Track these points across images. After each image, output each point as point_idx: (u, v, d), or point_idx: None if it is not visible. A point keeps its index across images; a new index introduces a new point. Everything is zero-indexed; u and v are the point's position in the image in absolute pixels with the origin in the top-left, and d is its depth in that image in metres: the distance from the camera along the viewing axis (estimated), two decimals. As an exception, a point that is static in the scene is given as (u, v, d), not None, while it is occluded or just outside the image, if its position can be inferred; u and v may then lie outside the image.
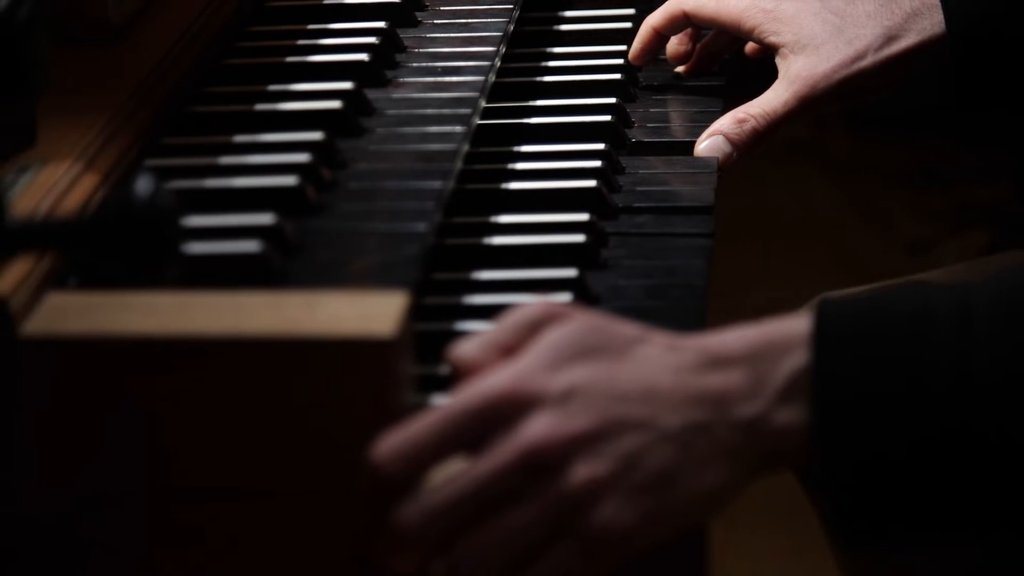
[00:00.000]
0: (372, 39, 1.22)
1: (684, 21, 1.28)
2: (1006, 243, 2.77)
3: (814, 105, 1.21)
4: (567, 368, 0.86)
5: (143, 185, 0.82)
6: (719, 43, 1.33)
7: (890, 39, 1.20)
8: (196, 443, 0.87)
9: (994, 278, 0.86)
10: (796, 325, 0.87)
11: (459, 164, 1.10)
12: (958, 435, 0.83)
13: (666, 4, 1.29)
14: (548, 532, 0.84)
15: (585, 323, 0.88)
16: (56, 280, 0.93)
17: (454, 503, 0.85)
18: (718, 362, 0.87)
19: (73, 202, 0.99)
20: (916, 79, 1.23)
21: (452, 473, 0.86)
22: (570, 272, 1.06)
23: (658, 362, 0.87)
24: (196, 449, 0.87)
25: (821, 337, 0.85)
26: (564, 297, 1.04)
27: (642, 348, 0.88)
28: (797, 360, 0.86)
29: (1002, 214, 2.99)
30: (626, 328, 0.88)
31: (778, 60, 1.23)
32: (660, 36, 1.30)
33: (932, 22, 1.20)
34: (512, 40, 1.31)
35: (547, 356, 0.86)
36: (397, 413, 0.87)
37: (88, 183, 1.01)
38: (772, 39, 1.22)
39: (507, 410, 0.85)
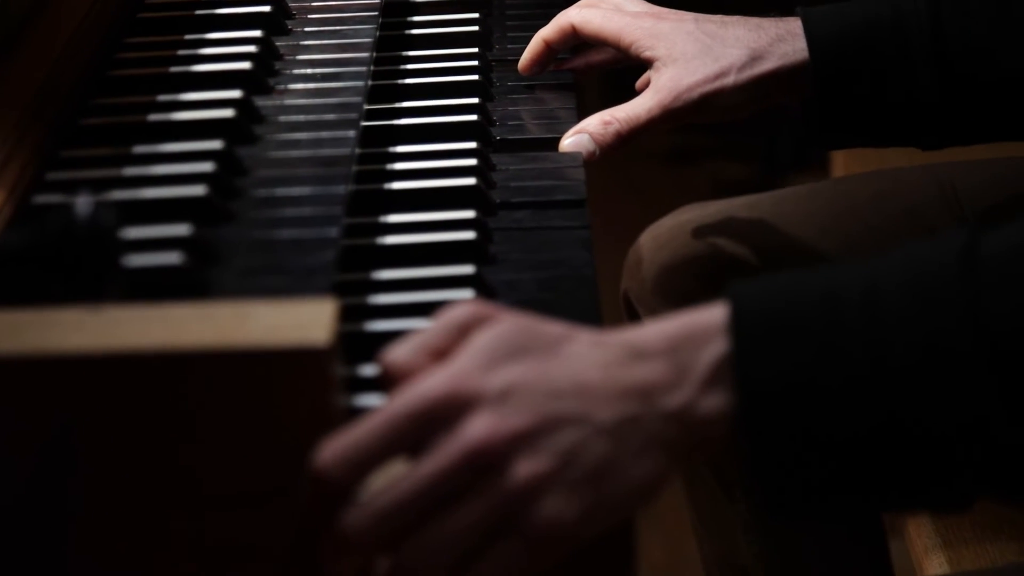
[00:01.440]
0: (251, 48, 1.13)
1: (572, 34, 1.24)
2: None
3: (676, 114, 1.18)
4: (501, 368, 0.80)
5: (84, 204, 0.73)
6: (599, 57, 1.28)
7: (754, 60, 1.18)
8: (135, 457, 0.78)
9: (899, 257, 0.81)
10: (712, 315, 0.82)
11: (355, 169, 1.02)
12: (876, 417, 0.78)
13: (556, 18, 1.25)
14: (493, 529, 0.78)
15: (513, 323, 0.82)
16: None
17: (400, 505, 0.78)
18: (642, 355, 0.81)
19: (-18, 219, 0.90)
20: (781, 105, 1.22)
21: (395, 475, 0.79)
22: (467, 269, 0.99)
23: (586, 359, 0.81)
24: (135, 462, 0.78)
25: (737, 325, 0.80)
26: (466, 293, 0.97)
27: (569, 346, 0.82)
28: (716, 348, 0.80)
29: (751, 187, 3.03)
30: (551, 327, 0.82)
31: (651, 73, 1.20)
32: (550, 48, 1.25)
33: (795, 48, 1.18)
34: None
35: (481, 357, 0.80)
36: (334, 416, 0.79)
37: (-5, 199, 0.92)
38: (647, 53, 1.19)
39: (446, 411, 0.79)
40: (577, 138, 1.17)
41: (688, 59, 1.18)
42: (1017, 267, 0.78)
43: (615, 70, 1.29)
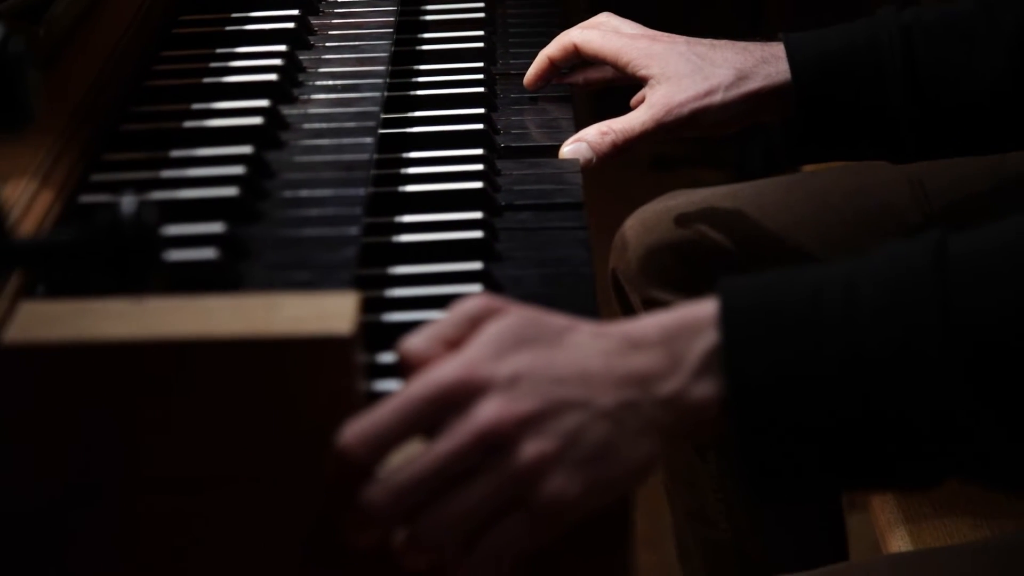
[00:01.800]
0: (277, 61, 1.13)
1: (574, 52, 1.24)
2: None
3: (668, 128, 1.19)
4: (510, 356, 0.80)
5: (129, 203, 0.73)
6: (596, 75, 1.28)
7: (740, 80, 1.18)
8: (171, 438, 0.79)
9: (877, 258, 0.82)
10: (704, 308, 0.82)
11: (373, 173, 1.02)
12: (854, 406, 0.79)
13: (559, 37, 1.25)
14: (502, 504, 0.79)
15: (520, 315, 0.83)
16: (26, 290, 0.84)
17: (417, 481, 0.79)
18: (639, 345, 0.82)
19: (34, 217, 0.89)
20: (765, 121, 1.23)
21: (412, 454, 0.79)
22: (476, 265, 0.99)
23: (588, 348, 0.82)
24: (171, 443, 0.79)
25: (727, 319, 0.81)
26: (475, 287, 0.97)
27: (572, 336, 0.82)
28: (708, 340, 0.81)
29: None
30: (556, 319, 0.83)
31: (646, 90, 1.20)
32: (553, 64, 1.26)
33: (778, 70, 1.19)
34: (385, 60, 1.24)
35: (491, 346, 0.81)
36: (355, 401, 0.80)
37: (44, 199, 0.91)
38: (643, 72, 1.20)
39: (460, 396, 0.79)
40: (576, 146, 1.17)
41: (680, 78, 1.18)
42: (986, 267, 0.79)
43: (608, 88, 1.29)
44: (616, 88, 1.27)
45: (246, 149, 1.00)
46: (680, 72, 1.18)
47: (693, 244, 1.38)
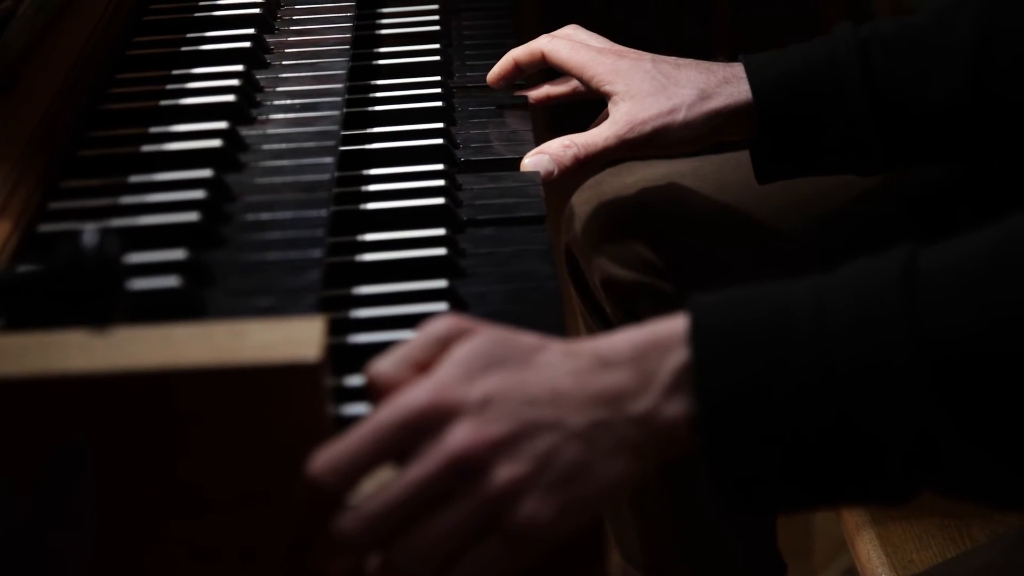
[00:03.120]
0: (235, 81, 1.11)
1: (540, 60, 1.24)
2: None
3: (631, 145, 1.18)
4: (480, 378, 0.79)
5: (90, 233, 0.71)
6: (558, 90, 1.27)
7: (703, 99, 1.17)
8: (137, 467, 0.77)
9: (845, 276, 0.81)
10: (674, 325, 0.81)
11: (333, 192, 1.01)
12: (824, 423, 0.78)
13: (529, 43, 1.24)
14: (476, 529, 0.78)
15: (490, 336, 0.81)
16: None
17: (390, 508, 0.77)
18: (609, 364, 0.80)
19: (-9, 247, 0.87)
20: (728, 140, 1.22)
21: (384, 481, 0.78)
22: (441, 283, 0.98)
23: (558, 367, 0.80)
24: (137, 473, 0.77)
25: (696, 337, 0.80)
26: (441, 306, 0.96)
27: (543, 355, 0.81)
28: (678, 357, 0.80)
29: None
30: (525, 338, 0.82)
31: (610, 105, 1.19)
32: (518, 67, 1.25)
33: (739, 90, 1.18)
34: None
35: (461, 369, 0.79)
36: (325, 426, 0.78)
37: (2, 230, 0.90)
38: (607, 87, 1.19)
39: (431, 420, 0.78)
40: (538, 158, 1.16)
41: (644, 95, 1.18)
42: (955, 283, 0.78)
43: (566, 104, 1.28)
44: (575, 104, 1.26)
45: (206, 173, 0.98)
46: (644, 90, 1.17)
47: (654, 220, 1.37)
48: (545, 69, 1.26)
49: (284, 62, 1.20)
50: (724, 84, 1.18)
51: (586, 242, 1.40)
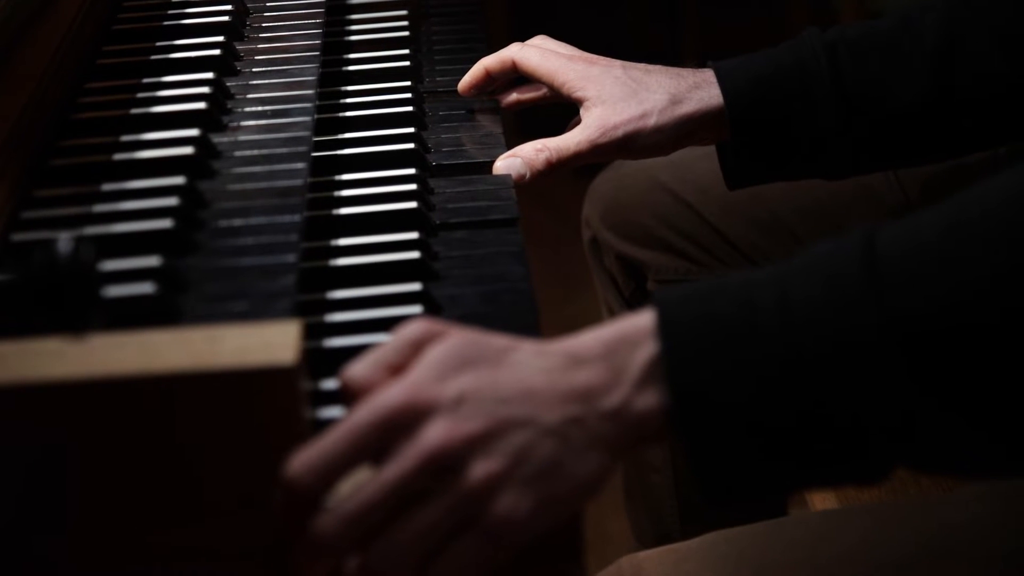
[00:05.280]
0: (205, 89, 1.11)
1: (511, 68, 1.24)
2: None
3: (602, 150, 1.19)
4: (454, 378, 0.80)
5: (65, 242, 0.72)
6: (529, 95, 1.27)
7: (674, 104, 1.19)
8: (115, 473, 0.77)
9: (807, 263, 0.81)
10: (642, 320, 0.82)
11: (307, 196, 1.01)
12: (796, 408, 0.79)
13: (500, 51, 1.25)
14: (454, 526, 0.78)
15: (462, 338, 0.82)
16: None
17: (366, 508, 0.78)
18: (580, 361, 0.81)
19: (-35, 257, 0.87)
20: (700, 143, 1.23)
21: (361, 481, 0.78)
22: (414, 286, 0.98)
23: (531, 366, 0.81)
24: (115, 478, 0.77)
25: (664, 329, 0.81)
26: (415, 309, 0.96)
27: (515, 355, 0.82)
28: (647, 351, 0.81)
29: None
30: (497, 339, 0.83)
31: (582, 111, 1.20)
32: (489, 76, 1.25)
33: (710, 94, 1.19)
34: (311, 82, 1.22)
35: (435, 369, 0.80)
36: (302, 429, 0.79)
37: (-24, 239, 0.90)
38: (578, 94, 1.20)
39: (406, 419, 0.79)
40: (510, 161, 1.17)
41: (615, 101, 1.18)
42: (914, 264, 0.79)
43: (535, 107, 1.28)
44: (544, 107, 1.27)
45: (178, 180, 0.98)
46: (615, 95, 1.18)
47: (667, 199, 1.42)
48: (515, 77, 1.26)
49: (254, 69, 1.20)
50: (695, 89, 1.19)
51: (602, 219, 1.47)
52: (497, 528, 0.78)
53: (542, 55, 1.22)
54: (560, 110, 1.25)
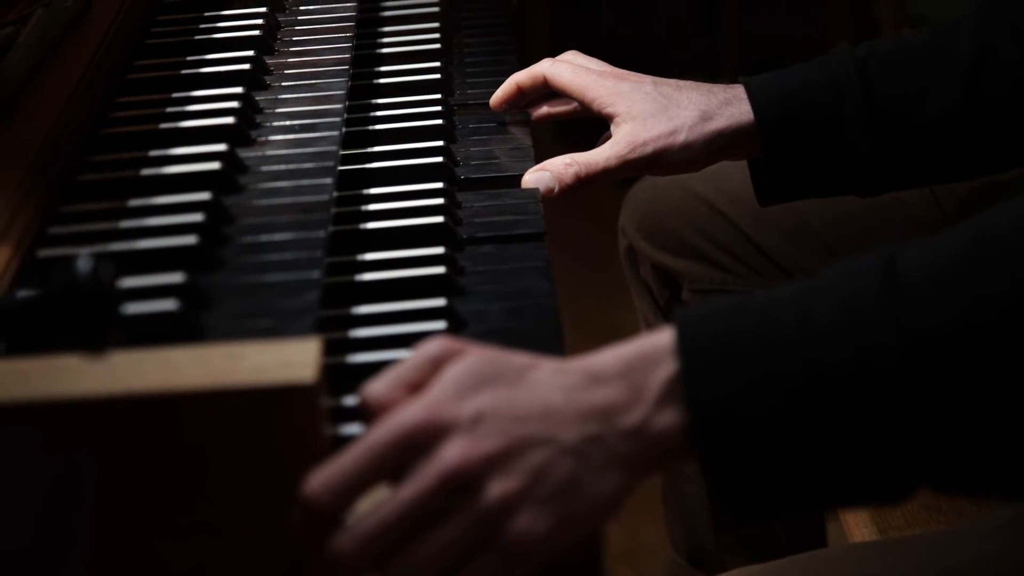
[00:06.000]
0: (234, 103, 1.11)
1: (543, 84, 1.24)
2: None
3: (632, 165, 1.19)
4: (472, 396, 0.80)
5: (84, 260, 0.72)
6: (560, 108, 1.27)
7: (704, 120, 1.18)
8: (135, 489, 0.77)
9: (828, 283, 0.81)
10: (662, 338, 0.82)
11: (332, 212, 1.01)
12: (817, 428, 0.79)
13: (532, 67, 1.25)
14: (471, 546, 0.78)
15: (481, 356, 0.82)
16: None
17: (384, 527, 0.78)
18: (599, 379, 0.81)
19: (-9, 273, 0.88)
20: (732, 158, 1.23)
21: (379, 499, 0.78)
22: (439, 302, 0.98)
23: (549, 384, 0.81)
24: (135, 494, 0.77)
25: (684, 348, 0.80)
26: (439, 324, 0.96)
27: (534, 373, 0.82)
28: (667, 369, 0.81)
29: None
30: (516, 357, 0.82)
31: (612, 127, 1.20)
32: (521, 91, 1.25)
33: (740, 111, 1.19)
34: (342, 96, 1.23)
35: (453, 388, 0.80)
36: (322, 446, 0.79)
37: (2, 255, 0.90)
38: (608, 110, 1.20)
39: (424, 438, 0.79)
40: (539, 175, 1.17)
41: (645, 117, 1.18)
42: (936, 282, 0.79)
43: (571, 120, 1.28)
44: (581, 120, 1.27)
45: (204, 195, 0.98)
46: (645, 111, 1.18)
47: (707, 214, 1.43)
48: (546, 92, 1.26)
49: (284, 83, 1.20)
50: (725, 105, 1.19)
51: (638, 228, 1.48)
52: (514, 547, 0.78)
53: (573, 71, 1.22)
54: (597, 121, 1.25)
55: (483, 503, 0.78)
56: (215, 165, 1.03)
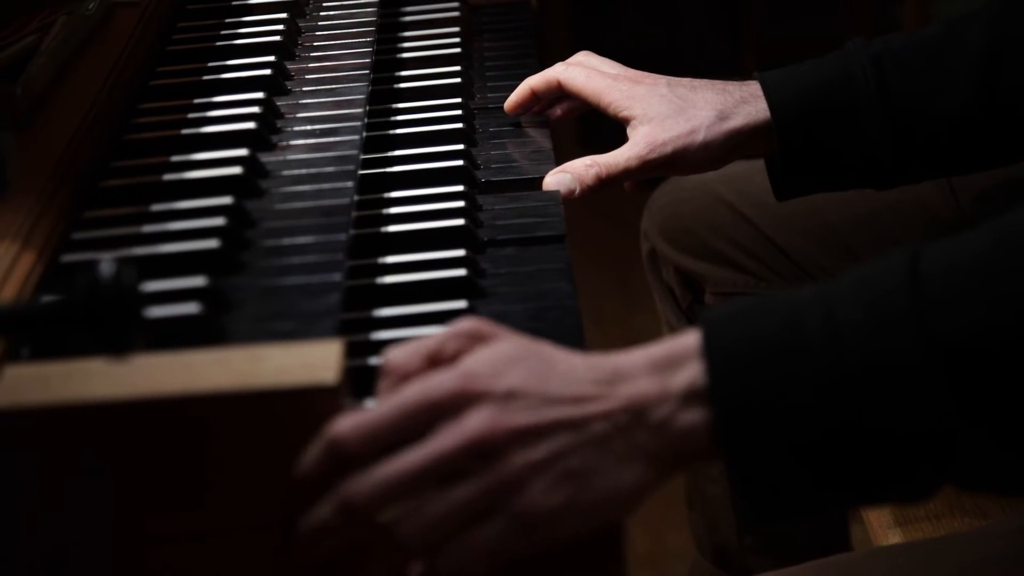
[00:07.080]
0: (255, 108, 1.12)
1: (557, 87, 1.25)
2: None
3: (651, 166, 1.19)
4: (506, 374, 0.81)
5: (107, 264, 0.72)
6: (574, 104, 1.28)
7: (721, 120, 1.19)
8: (160, 492, 0.78)
9: (852, 283, 0.82)
10: (689, 339, 0.83)
11: (354, 215, 1.02)
12: (841, 427, 0.79)
13: (546, 71, 1.25)
14: (483, 509, 0.79)
15: (516, 342, 0.84)
16: (10, 354, 0.83)
17: (402, 476, 0.79)
18: (629, 376, 0.82)
19: (16, 280, 0.88)
20: (749, 156, 1.24)
21: (402, 450, 0.79)
22: (461, 304, 0.98)
23: (581, 375, 0.82)
24: (160, 497, 0.78)
25: (710, 348, 0.81)
26: (460, 327, 0.96)
27: (565, 363, 0.83)
28: (693, 369, 0.81)
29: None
30: (548, 348, 0.84)
31: (629, 130, 1.21)
32: (535, 95, 1.26)
33: (757, 109, 1.19)
34: (363, 100, 1.23)
35: (489, 364, 0.82)
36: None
37: (26, 261, 0.90)
38: (624, 113, 1.20)
39: (455, 404, 0.80)
40: (560, 177, 1.17)
41: (662, 119, 1.19)
42: (959, 283, 0.79)
43: (595, 116, 1.29)
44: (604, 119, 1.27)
45: (226, 200, 0.99)
46: (662, 113, 1.19)
47: (729, 217, 1.43)
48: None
49: (304, 88, 1.21)
50: (742, 104, 1.19)
51: (660, 232, 1.49)
52: (521, 516, 0.79)
53: (587, 75, 1.23)
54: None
55: (501, 470, 0.79)
56: (237, 170, 1.03)
